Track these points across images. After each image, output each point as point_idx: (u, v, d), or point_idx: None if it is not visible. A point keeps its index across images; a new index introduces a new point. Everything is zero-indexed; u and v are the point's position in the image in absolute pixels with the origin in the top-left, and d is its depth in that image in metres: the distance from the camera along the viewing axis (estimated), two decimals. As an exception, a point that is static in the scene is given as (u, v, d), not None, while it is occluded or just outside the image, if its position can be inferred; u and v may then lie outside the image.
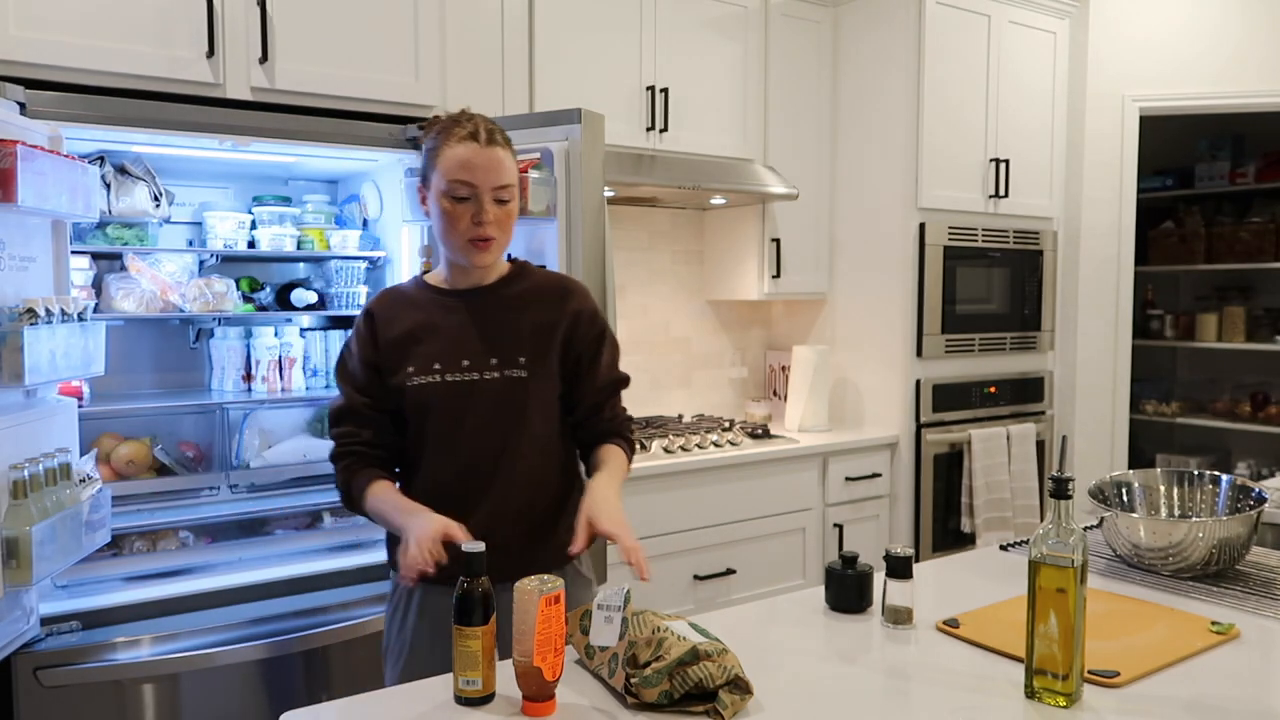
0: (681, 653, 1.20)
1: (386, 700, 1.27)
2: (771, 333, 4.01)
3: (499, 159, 1.57)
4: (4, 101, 1.85)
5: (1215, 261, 4.60)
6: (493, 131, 1.59)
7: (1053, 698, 1.21)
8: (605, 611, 1.26)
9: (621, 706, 1.22)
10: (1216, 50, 3.82)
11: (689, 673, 1.19)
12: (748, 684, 1.22)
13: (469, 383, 1.59)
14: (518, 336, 1.62)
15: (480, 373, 1.60)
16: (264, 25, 2.21)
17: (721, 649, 1.22)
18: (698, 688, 1.19)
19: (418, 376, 1.60)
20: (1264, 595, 1.63)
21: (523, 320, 1.64)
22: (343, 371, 1.68)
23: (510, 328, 1.63)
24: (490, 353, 1.61)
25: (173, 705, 2.09)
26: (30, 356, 1.76)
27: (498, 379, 1.60)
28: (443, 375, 1.59)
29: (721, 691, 1.19)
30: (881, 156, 3.52)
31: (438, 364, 1.60)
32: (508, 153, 1.60)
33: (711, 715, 1.18)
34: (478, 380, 1.59)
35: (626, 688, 1.21)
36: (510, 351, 1.61)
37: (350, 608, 2.29)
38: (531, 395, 1.61)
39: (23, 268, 1.88)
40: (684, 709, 1.20)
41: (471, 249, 1.58)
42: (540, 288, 1.69)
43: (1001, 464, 3.60)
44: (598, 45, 3.03)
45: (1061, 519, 1.22)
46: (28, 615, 1.95)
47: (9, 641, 1.88)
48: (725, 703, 1.18)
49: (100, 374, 2.06)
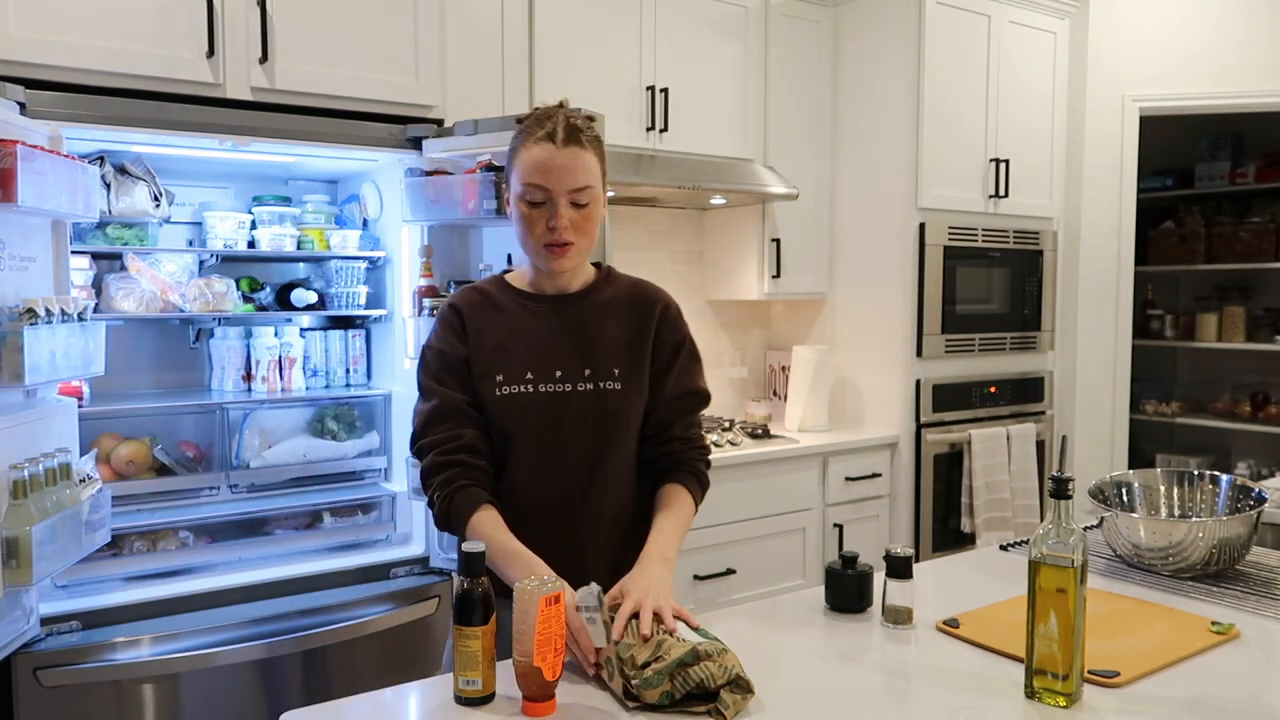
0: (682, 653, 1.19)
1: (386, 700, 1.27)
2: (771, 333, 4.01)
3: (577, 159, 1.48)
4: (4, 101, 1.85)
5: (1215, 261, 4.60)
6: (574, 130, 1.49)
7: (1053, 698, 1.21)
8: (586, 613, 1.26)
9: (621, 707, 1.22)
10: (1216, 50, 3.82)
11: (690, 673, 1.19)
12: (749, 683, 1.22)
13: (563, 394, 1.52)
14: (611, 347, 1.55)
15: (574, 384, 1.52)
16: (264, 25, 2.21)
17: (721, 649, 1.22)
18: (699, 688, 1.19)
19: (508, 385, 1.51)
20: (1264, 595, 1.63)
21: (614, 329, 1.56)
22: (433, 370, 1.54)
23: (602, 337, 1.55)
24: (583, 363, 1.53)
25: (173, 705, 2.09)
26: (30, 356, 1.76)
27: (591, 390, 1.53)
28: (535, 385, 1.51)
29: (723, 691, 1.19)
30: (881, 156, 3.52)
31: (530, 373, 1.52)
32: (589, 152, 1.50)
33: (713, 715, 1.18)
34: (571, 391, 1.52)
35: (626, 690, 1.21)
36: (604, 362, 1.54)
37: (350, 608, 2.30)
38: (625, 408, 1.55)
39: (23, 267, 1.88)
40: (685, 709, 1.19)
41: (548, 254, 1.50)
42: (628, 295, 1.61)
43: (1001, 464, 3.60)
44: (598, 45, 3.03)
45: (1061, 519, 1.22)
46: (28, 615, 1.95)
47: (9, 641, 1.88)
48: (727, 702, 1.18)
49: (100, 374, 2.06)
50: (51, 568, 1.83)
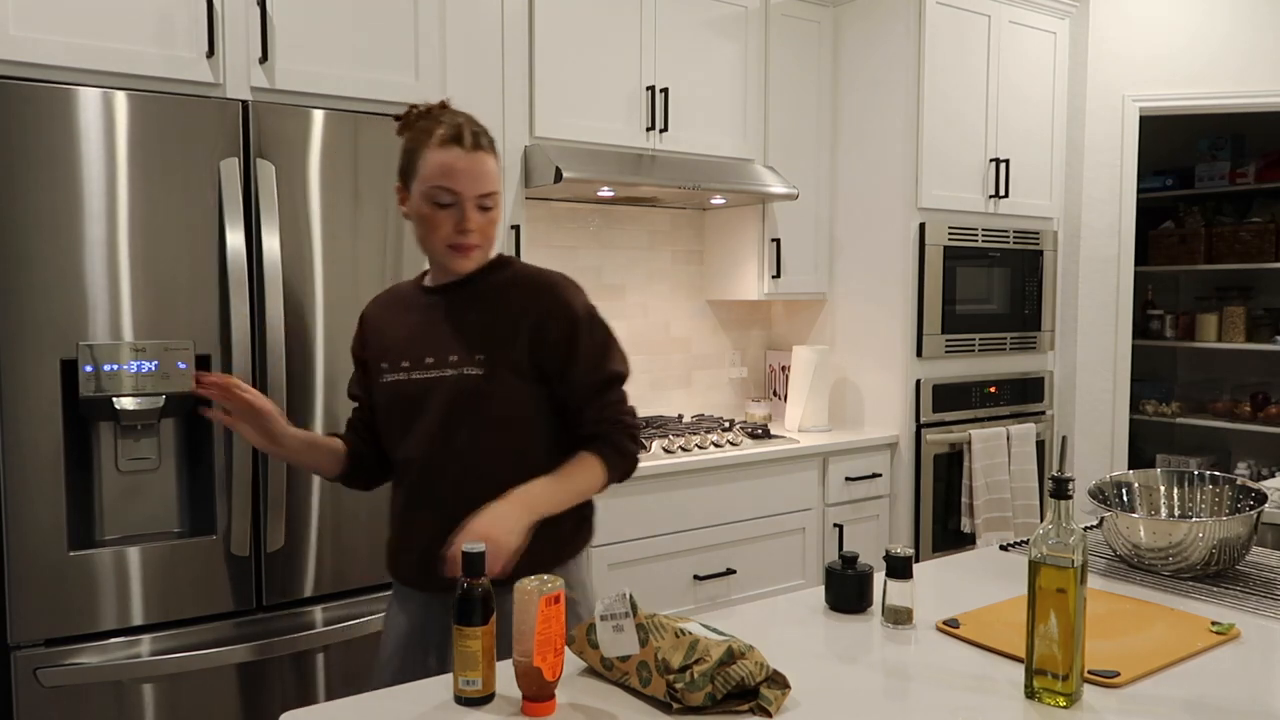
0: (720, 653, 1.20)
1: (386, 700, 1.27)
2: (771, 333, 4.01)
3: (484, 165, 1.53)
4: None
5: (1215, 261, 4.60)
6: (478, 135, 1.54)
7: (1053, 698, 1.21)
8: (613, 621, 1.25)
9: (623, 706, 1.22)
10: (1217, 50, 3.82)
11: (730, 672, 1.19)
12: (784, 678, 1.23)
13: (429, 379, 1.56)
14: (481, 332, 1.55)
15: (441, 369, 1.56)
16: (264, 25, 2.21)
17: (748, 646, 1.23)
18: (738, 687, 1.19)
19: (389, 374, 1.60)
20: (1264, 595, 1.63)
21: (491, 315, 1.57)
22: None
23: (476, 323, 1.56)
24: (451, 349, 1.56)
25: (173, 705, 2.09)
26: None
27: (453, 376, 1.54)
28: (409, 372, 1.58)
29: (762, 688, 1.20)
30: (881, 156, 3.53)
31: (405, 361, 1.59)
32: (492, 157, 1.55)
33: (757, 713, 1.19)
34: (436, 378, 1.56)
35: (670, 694, 1.21)
36: (469, 348, 1.55)
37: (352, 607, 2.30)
38: (487, 394, 1.53)
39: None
40: (727, 709, 1.20)
41: (453, 255, 1.54)
42: (514, 280, 1.59)
43: (1001, 464, 3.60)
44: (598, 45, 3.03)
45: (1061, 519, 1.22)
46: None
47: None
48: (769, 699, 1.19)
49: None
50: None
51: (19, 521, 1.95)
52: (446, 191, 1.51)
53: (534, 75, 2.92)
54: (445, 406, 1.55)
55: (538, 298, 1.57)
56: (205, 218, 2.11)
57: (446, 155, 1.51)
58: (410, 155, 1.55)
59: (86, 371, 1.98)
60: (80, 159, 1.97)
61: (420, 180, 1.53)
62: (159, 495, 2.12)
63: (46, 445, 1.97)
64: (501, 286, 1.59)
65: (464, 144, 1.51)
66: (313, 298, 2.23)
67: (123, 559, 2.04)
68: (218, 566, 2.14)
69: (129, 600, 2.05)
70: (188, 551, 2.11)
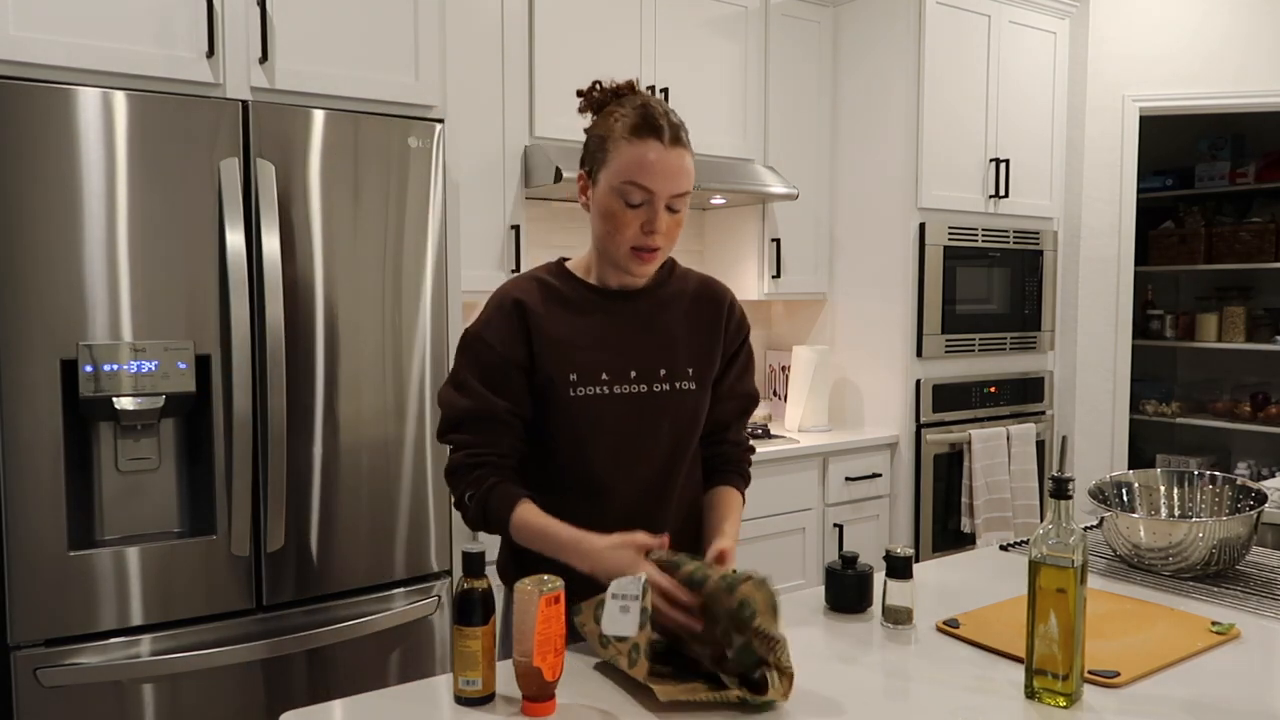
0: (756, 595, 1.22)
1: (386, 700, 1.27)
2: (771, 333, 4.01)
3: (682, 162, 1.39)
4: (4, 101, 1.85)
5: (1215, 261, 4.61)
6: (677, 128, 1.40)
7: (1053, 698, 1.21)
8: (621, 600, 1.25)
9: (623, 706, 1.22)
10: (1216, 50, 3.82)
11: (768, 634, 1.21)
12: (792, 675, 1.23)
13: (639, 395, 1.46)
14: (684, 345, 1.49)
15: (650, 384, 1.47)
16: (264, 25, 2.21)
17: (763, 576, 1.25)
18: (770, 646, 1.20)
19: (583, 387, 1.43)
20: (1264, 595, 1.63)
21: (686, 328, 1.51)
22: (478, 366, 1.45)
23: (675, 335, 1.49)
24: (658, 363, 1.48)
25: (173, 705, 2.09)
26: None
27: (669, 391, 1.47)
28: (611, 387, 1.45)
29: (771, 675, 1.21)
30: (881, 156, 3.53)
31: (605, 374, 1.45)
32: (689, 153, 1.41)
33: (758, 691, 1.20)
34: (647, 393, 1.46)
35: (721, 659, 1.23)
36: (679, 362, 1.49)
37: (352, 607, 2.30)
38: (700, 408, 1.51)
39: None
40: (719, 692, 1.21)
41: (634, 258, 1.42)
42: (695, 291, 1.55)
43: (1001, 464, 3.60)
44: (598, 45, 3.03)
45: (1061, 519, 1.22)
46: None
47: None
48: (774, 682, 1.20)
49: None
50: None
51: (19, 521, 1.95)
52: (640, 190, 1.38)
53: (534, 75, 2.92)
54: (669, 425, 1.48)
55: (722, 308, 1.55)
56: (205, 218, 2.11)
57: (644, 149, 1.37)
58: (600, 143, 1.41)
59: (86, 371, 1.98)
60: (80, 159, 1.97)
61: (611, 173, 1.39)
62: (159, 495, 2.12)
63: (46, 445, 1.97)
64: (689, 295, 1.54)
65: (663, 138, 1.38)
66: (313, 298, 2.23)
67: (123, 559, 2.04)
68: (218, 566, 2.14)
69: (129, 600, 2.05)
70: (188, 551, 2.11)
